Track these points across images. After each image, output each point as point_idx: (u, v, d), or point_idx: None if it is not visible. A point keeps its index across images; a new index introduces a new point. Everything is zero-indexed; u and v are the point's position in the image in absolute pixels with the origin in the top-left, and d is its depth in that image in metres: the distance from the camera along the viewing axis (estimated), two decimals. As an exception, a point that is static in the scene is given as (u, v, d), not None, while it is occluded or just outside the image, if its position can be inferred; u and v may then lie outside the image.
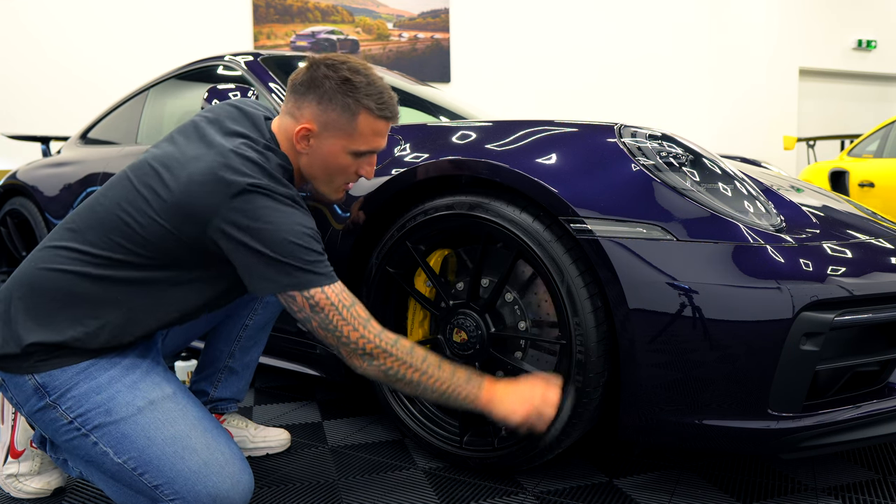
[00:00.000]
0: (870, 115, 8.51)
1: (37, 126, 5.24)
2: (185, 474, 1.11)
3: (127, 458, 1.12)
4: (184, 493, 1.11)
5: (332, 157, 1.26)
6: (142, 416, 1.14)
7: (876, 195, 4.51)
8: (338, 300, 1.15)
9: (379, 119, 1.24)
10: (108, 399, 1.14)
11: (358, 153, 1.26)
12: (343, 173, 1.29)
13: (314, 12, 6.71)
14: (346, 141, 1.24)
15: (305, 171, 1.29)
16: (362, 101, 1.21)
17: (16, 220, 3.13)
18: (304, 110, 1.23)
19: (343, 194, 1.35)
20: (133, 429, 1.13)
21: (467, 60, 7.15)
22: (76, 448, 1.16)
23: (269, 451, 1.64)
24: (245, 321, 1.58)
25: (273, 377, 2.29)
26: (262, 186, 1.13)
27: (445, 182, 1.56)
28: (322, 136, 1.24)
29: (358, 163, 1.28)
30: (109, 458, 1.13)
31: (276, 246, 1.12)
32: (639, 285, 1.24)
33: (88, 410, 1.13)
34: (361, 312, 1.17)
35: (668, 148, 1.42)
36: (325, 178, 1.29)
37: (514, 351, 1.49)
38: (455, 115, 2.67)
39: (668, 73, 7.81)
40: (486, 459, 1.47)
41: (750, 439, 1.24)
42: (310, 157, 1.26)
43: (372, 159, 1.31)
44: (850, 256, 1.30)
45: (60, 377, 1.14)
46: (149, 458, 1.12)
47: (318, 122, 1.23)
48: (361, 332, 1.16)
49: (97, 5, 5.98)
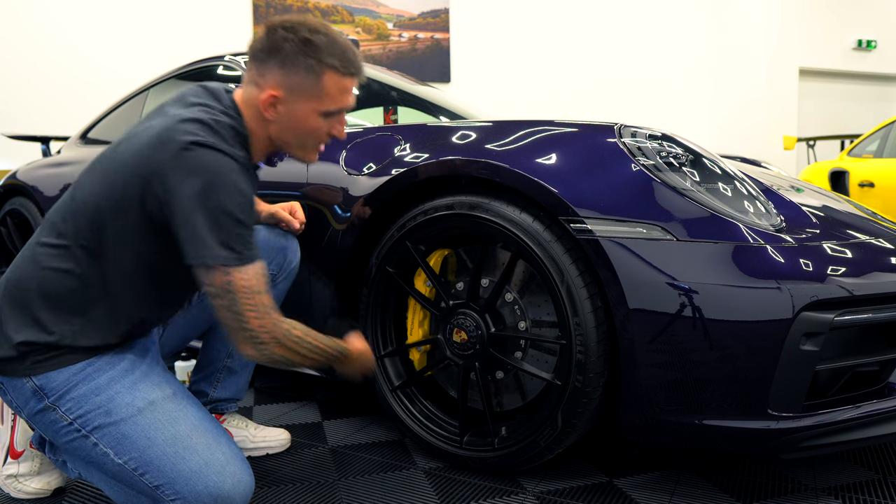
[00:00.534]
0: (870, 115, 8.51)
1: (37, 126, 5.24)
2: (185, 474, 1.11)
3: (127, 459, 1.12)
4: (185, 493, 1.11)
5: (303, 121, 1.24)
6: (142, 417, 1.14)
7: (876, 195, 4.51)
8: (254, 284, 1.13)
9: (345, 77, 1.23)
10: (107, 400, 1.14)
11: (328, 113, 1.24)
12: (314, 135, 1.27)
13: (314, 12, 6.70)
14: (315, 103, 1.22)
15: (277, 137, 1.27)
16: (326, 61, 1.19)
17: (16, 220, 3.13)
18: (267, 77, 1.21)
19: (318, 155, 1.34)
20: (133, 430, 1.13)
21: (467, 60, 7.15)
22: (76, 449, 1.16)
23: (269, 450, 1.64)
24: None
25: (273, 377, 2.29)
26: (206, 143, 1.12)
27: (445, 182, 1.56)
28: (290, 102, 1.22)
29: (329, 123, 1.26)
30: (110, 459, 1.13)
31: (211, 210, 1.09)
32: (639, 285, 1.24)
33: (88, 412, 1.13)
34: (267, 301, 1.15)
35: (668, 148, 1.42)
36: (297, 142, 1.28)
37: (514, 351, 1.49)
38: (455, 115, 2.67)
39: (668, 73, 7.81)
40: (486, 459, 1.47)
41: (750, 439, 1.24)
42: (280, 124, 1.24)
43: (342, 118, 1.29)
44: (850, 256, 1.30)
45: (58, 378, 1.14)
46: (149, 459, 1.12)
47: (284, 87, 1.20)
48: (263, 321, 1.14)
49: (97, 5, 5.98)
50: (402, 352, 1.67)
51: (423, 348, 1.66)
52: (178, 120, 1.14)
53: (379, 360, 1.66)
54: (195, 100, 1.21)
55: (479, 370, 1.49)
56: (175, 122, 1.13)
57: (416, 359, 1.67)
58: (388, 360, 1.67)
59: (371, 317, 1.66)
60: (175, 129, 1.12)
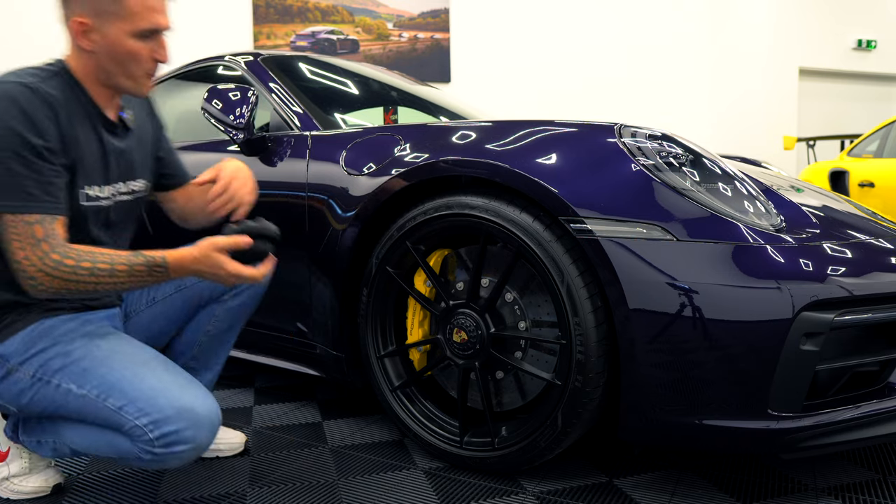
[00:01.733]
0: (870, 115, 8.51)
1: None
2: (146, 392, 1.15)
3: (90, 388, 1.17)
4: (147, 409, 1.14)
5: (118, 44, 1.22)
6: (100, 351, 1.20)
7: (876, 195, 4.51)
8: (24, 223, 1.13)
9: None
10: (65, 345, 1.21)
11: (141, 34, 1.22)
12: (136, 60, 1.24)
13: (314, 12, 6.70)
14: (123, 23, 1.21)
15: (100, 71, 1.25)
16: None
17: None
18: (72, 7, 1.21)
19: (150, 86, 1.31)
20: (92, 362, 1.19)
21: (467, 60, 7.15)
22: (41, 401, 1.20)
23: (218, 453, 1.61)
24: (206, 327, 1.52)
25: (273, 377, 2.29)
26: (1, 80, 1.17)
27: (445, 182, 1.56)
28: (100, 28, 1.21)
29: (149, 46, 1.24)
30: (73, 395, 1.17)
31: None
32: (639, 285, 1.24)
33: (48, 360, 1.20)
34: (38, 233, 1.13)
35: (668, 148, 1.42)
36: (121, 70, 1.25)
37: (514, 351, 1.49)
38: (455, 115, 2.67)
39: (668, 73, 7.81)
40: (486, 459, 1.47)
41: (750, 439, 1.24)
42: (99, 55, 1.23)
43: (161, 40, 1.27)
44: (850, 256, 1.30)
45: (15, 343, 1.21)
46: (111, 382, 1.17)
47: (89, 13, 1.20)
48: (27, 252, 1.13)
49: (97, 5, 5.98)
50: (402, 352, 1.67)
51: (423, 348, 1.66)
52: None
53: (379, 360, 1.66)
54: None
55: (479, 370, 1.49)
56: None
57: (416, 359, 1.67)
58: (389, 360, 1.67)
59: (371, 317, 1.66)
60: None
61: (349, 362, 1.75)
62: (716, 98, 7.91)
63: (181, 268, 1.21)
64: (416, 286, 1.63)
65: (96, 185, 1.28)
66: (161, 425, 1.14)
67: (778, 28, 8.07)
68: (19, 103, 1.14)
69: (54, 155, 1.17)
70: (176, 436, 1.15)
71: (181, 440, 1.15)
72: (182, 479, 1.50)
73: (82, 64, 1.25)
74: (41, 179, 1.15)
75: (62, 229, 1.17)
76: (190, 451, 1.17)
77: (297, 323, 1.83)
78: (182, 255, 1.20)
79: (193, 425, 1.16)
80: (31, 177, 1.14)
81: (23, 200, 1.13)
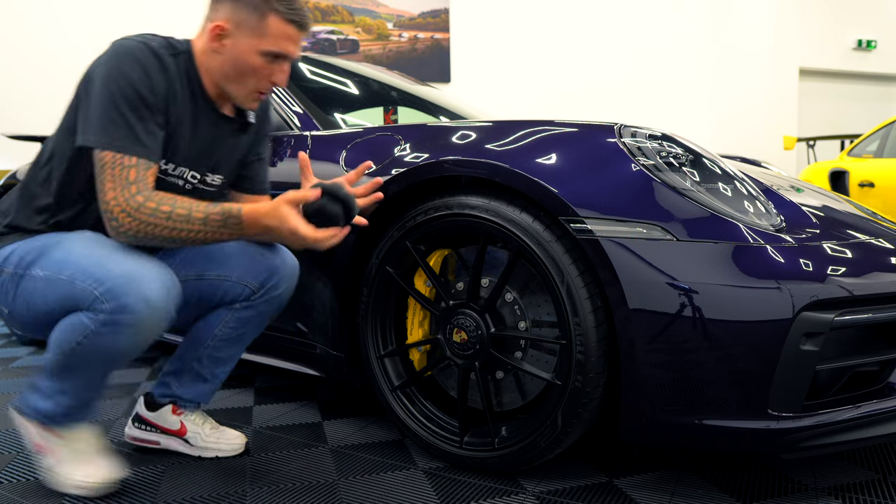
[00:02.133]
0: (870, 115, 8.51)
1: (37, 126, 5.23)
2: (97, 260, 1.24)
3: (50, 268, 1.25)
4: (95, 273, 1.20)
5: (244, 55, 1.32)
6: (68, 241, 1.29)
7: (876, 195, 4.51)
8: (122, 166, 1.22)
9: (288, 23, 1.31)
10: (42, 244, 1.30)
11: (268, 54, 1.32)
12: (255, 75, 1.34)
13: (314, 12, 6.70)
14: (257, 41, 1.30)
15: (218, 71, 1.35)
16: (273, 6, 1.29)
17: (16, 220, 3.12)
18: (218, 11, 1.33)
19: (255, 102, 1.40)
20: (59, 250, 1.27)
21: (467, 60, 7.15)
22: (21, 296, 1.28)
23: (218, 453, 1.61)
24: (214, 330, 1.54)
25: (273, 377, 2.29)
26: (127, 37, 1.28)
27: (445, 182, 1.56)
28: (235, 36, 1.31)
29: (270, 68, 1.34)
30: (38, 279, 1.25)
31: (109, 94, 1.23)
32: (639, 285, 1.24)
33: (26, 255, 1.29)
34: (132, 176, 1.23)
35: (668, 148, 1.42)
36: (237, 78, 1.34)
37: (514, 351, 1.49)
38: (455, 115, 2.67)
39: (668, 73, 7.81)
40: (486, 459, 1.47)
41: (750, 439, 1.24)
42: (223, 57, 1.33)
43: (284, 67, 1.35)
44: (850, 256, 1.30)
45: (8, 249, 1.32)
46: (68, 260, 1.24)
47: (231, 21, 1.31)
48: (116, 192, 1.22)
49: (97, 5, 5.98)
50: (402, 352, 1.67)
51: (423, 348, 1.66)
52: None
53: (379, 360, 1.66)
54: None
55: (479, 370, 1.49)
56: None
57: (416, 359, 1.67)
58: (388, 360, 1.67)
59: (371, 317, 1.66)
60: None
61: (349, 362, 1.75)
62: (716, 98, 7.91)
63: (254, 221, 1.26)
64: (416, 286, 1.63)
65: (172, 162, 1.37)
66: (105, 281, 1.19)
67: (778, 28, 8.07)
68: (139, 58, 1.26)
69: (160, 112, 1.29)
70: (121, 290, 1.18)
71: (127, 294, 1.18)
72: (182, 479, 1.50)
73: (206, 57, 1.36)
74: (146, 128, 1.26)
75: (152, 178, 1.27)
76: (140, 307, 1.19)
77: (297, 323, 1.83)
78: (257, 208, 1.26)
79: (139, 281, 1.19)
80: (138, 123, 1.24)
81: (127, 142, 1.23)
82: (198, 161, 1.42)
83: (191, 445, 1.61)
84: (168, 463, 1.59)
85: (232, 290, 1.51)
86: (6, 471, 1.54)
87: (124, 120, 1.23)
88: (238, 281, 1.51)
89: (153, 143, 1.27)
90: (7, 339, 3.11)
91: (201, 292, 1.52)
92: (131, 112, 1.24)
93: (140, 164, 1.24)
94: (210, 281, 1.51)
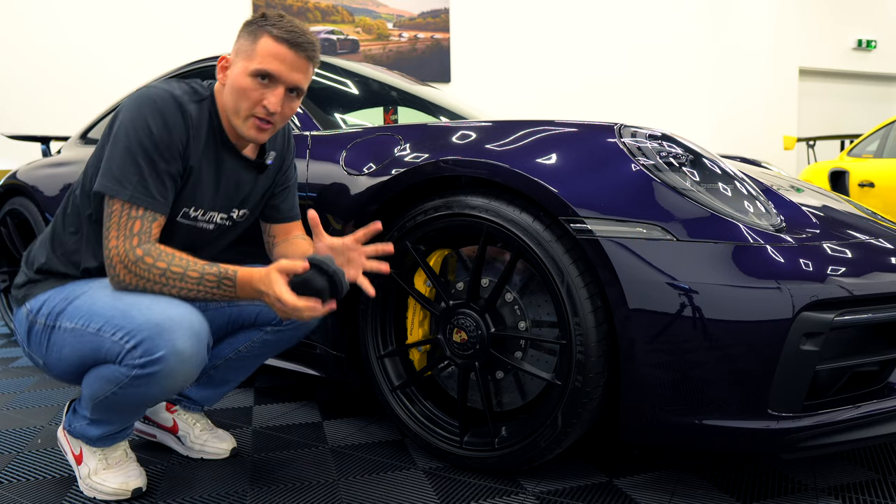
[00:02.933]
0: (870, 115, 8.51)
1: (37, 126, 5.24)
2: (122, 309, 1.21)
3: (77, 320, 1.25)
4: (122, 323, 1.19)
5: (237, 79, 1.30)
6: (93, 290, 1.29)
7: (876, 195, 4.51)
8: (128, 217, 1.23)
9: (278, 42, 1.28)
10: (71, 291, 1.31)
11: (257, 74, 1.28)
12: (246, 98, 1.29)
13: (314, 12, 6.70)
14: (247, 62, 1.29)
15: (223, 104, 1.35)
16: (265, 27, 1.29)
17: (16, 220, 3.12)
18: (233, 47, 1.34)
19: (255, 130, 1.33)
20: (84, 299, 1.28)
21: (467, 60, 7.15)
22: (53, 348, 1.29)
23: (204, 455, 1.62)
24: (239, 346, 1.56)
25: (273, 377, 2.29)
26: (152, 85, 1.29)
27: (445, 182, 1.56)
28: (234, 64, 1.32)
29: (262, 91, 1.29)
30: (68, 331, 1.27)
31: (127, 145, 1.23)
32: (639, 285, 1.24)
33: (55, 306, 1.30)
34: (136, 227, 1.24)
35: (668, 148, 1.42)
36: (234, 105, 1.31)
37: (514, 351, 1.49)
38: (455, 115, 2.67)
39: (667, 73, 7.81)
40: (486, 459, 1.47)
41: (750, 439, 1.24)
42: (227, 88, 1.33)
43: (277, 91, 1.30)
44: (850, 256, 1.30)
45: (41, 299, 1.33)
46: (93, 310, 1.24)
47: (234, 51, 1.33)
48: (118, 241, 1.23)
49: (97, 5, 5.98)
50: (402, 352, 1.67)
51: (423, 348, 1.66)
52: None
53: (379, 360, 1.66)
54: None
55: (479, 370, 1.49)
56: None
57: (416, 359, 1.67)
58: (388, 360, 1.67)
59: (371, 317, 1.66)
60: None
61: (349, 362, 1.75)
62: (716, 98, 7.91)
63: (247, 284, 1.23)
64: (416, 286, 1.63)
65: (201, 208, 1.37)
66: (135, 334, 1.18)
67: (778, 28, 8.07)
68: (160, 107, 1.26)
69: (176, 161, 1.28)
70: (151, 343, 1.17)
71: (157, 347, 1.17)
72: (182, 479, 1.50)
73: (220, 96, 1.36)
74: (159, 179, 1.26)
75: (157, 230, 1.27)
76: (171, 358, 1.18)
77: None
78: (251, 272, 1.23)
79: (168, 331, 1.17)
80: (152, 175, 1.24)
81: (137, 192, 1.23)
82: (224, 204, 1.42)
83: (181, 444, 1.63)
84: (168, 463, 1.59)
85: (266, 313, 1.52)
86: (6, 471, 1.55)
87: (138, 170, 1.23)
88: None
89: (164, 195, 1.27)
90: (7, 339, 3.11)
91: (237, 314, 1.53)
92: (146, 163, 1.23)
93: (146, 215, 1.24)
94: (242, 307, 1.52)
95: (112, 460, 1.42)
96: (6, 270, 3.28)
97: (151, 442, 1.69)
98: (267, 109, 1.30)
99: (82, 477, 1.42)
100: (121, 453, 1.43)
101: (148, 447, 1.67)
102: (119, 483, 1.40)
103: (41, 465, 1.58)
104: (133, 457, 1.46)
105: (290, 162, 1.57)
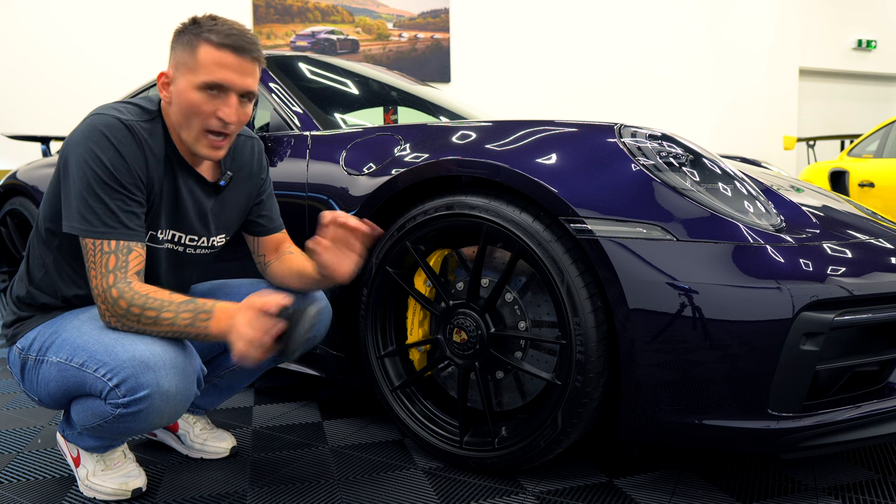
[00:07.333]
0: (870, 115, 8.52)
1: (37, 126, 5.24)
2: (105, 344, 1.18)
3: (62, 354, 1.23)
4: (105, 359, 1.16)
5: (184, 95, 1.22)
6: (78, 321, 1.26)
7: (876, 195, 4.51)
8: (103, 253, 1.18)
9: (220, 49, 1.19)
10: (58, 325, 1.28)
11: (205, 87, 1.21)
12: (198, 114, 1.22)
13: (314, 12, 6.70)
14: (191, 75, 1.21)
15: (172, 123, 1.27)
16: (202, 35, 1.20)
17: (16, 220, 3.13)
18: (169, 61, 1.26)
19: (210, 149, 1.27)
20: (70, 333, 1.25)
21: (467, 60, 7.15)
22: (43, 381, 1.28)
23: (203, 455, 1.62)
24: (232, 364, 1.54)
25: (273, 377, 2.29)
26: (101, 111, 1.22)
27: (445, 182, 1.56)
28: (176, 80, 1.24)
29: (213, 103, 1.22)
30: (54, 365, 1.24)
31: (82, 179, 1.18)
32: (639, 285, 1.24)
33: (44, 341, 1.28)
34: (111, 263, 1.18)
35: (668, 148, 1.42)
36: (185, 123, 1.24)
37: (514, 351, 1.49)
38: (455, 115, 2.67)
39: (667, 73, 7.81)
40: (486, 459, 1.47)
41: (750, 439, 1.24)
42: (173, 106, 1.25)
43: (229, 100, 1.23)
44: (850, 256, 1.30)
45: (31, 336, 1.31)
46: (77, 344, 1.21)
47: (172, 65, 1.24)
48: (97, 281, 1.18)
49: (97, 5, 5.98)
50: (402, 352, 1.67)
51: (423, 348, 1.66)
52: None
53: (379, 360, 1.66)
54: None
55: (478, 370, 1.49)
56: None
57: (416, 359, 1.67)
58: (388, 360, 1.67)
59: (371, 317, 1.66)
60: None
61: (349, 362, 1.75)
62: (716, 98, 7.91)
63: (224, 315, 1.15)
64: (416, 286, 1.63)
65: (168, 229, 1.33)
66: (118, 372, 1.15)
67: (778, 28, 8.07)
68: (109, 136, 1.19)
69: (137, 188, 1.22)
70: (135, 381, 1.14)
71: (140, 386, 1.14)
72: (182, 479, 1.50)
73: (166, 113, 1.29)
74: (125, 208, 1.20)
75: (136, 261, 1.20)
76: (156, 397, 1.15)
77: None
78: (229, 305, 1.16)
79: (153, 369, 1.14)
80: (116, 205, 1.19)
81: (105, 227, 1.18)
82: (194, 225, 1.37)
83: (181, 443, 1.64)
84: (168, 463, 1.59)
85: None
86: (6, 471, 1.55)
87: (101, 204, 1.17)
88: None
89: (133, 222, 1.21)
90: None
91: None
92: (107, 195, 1.17)
93: (119, 248, 1.18)
94: None
95: (110, 462, 1.42)
96: (6, 270, 3.28)
97: (151, 441, 1.69)
98: (223, 121, 1.23)
99: (81, 478, 1.42)
100: (119, 455, 1.43)
101: (148, 446, 1.68)
102: (118, 484, 1.40)
103: (41, 465, 1.58)
104: (132, 457, 1.46)
105: (265, 176, 1.53)
